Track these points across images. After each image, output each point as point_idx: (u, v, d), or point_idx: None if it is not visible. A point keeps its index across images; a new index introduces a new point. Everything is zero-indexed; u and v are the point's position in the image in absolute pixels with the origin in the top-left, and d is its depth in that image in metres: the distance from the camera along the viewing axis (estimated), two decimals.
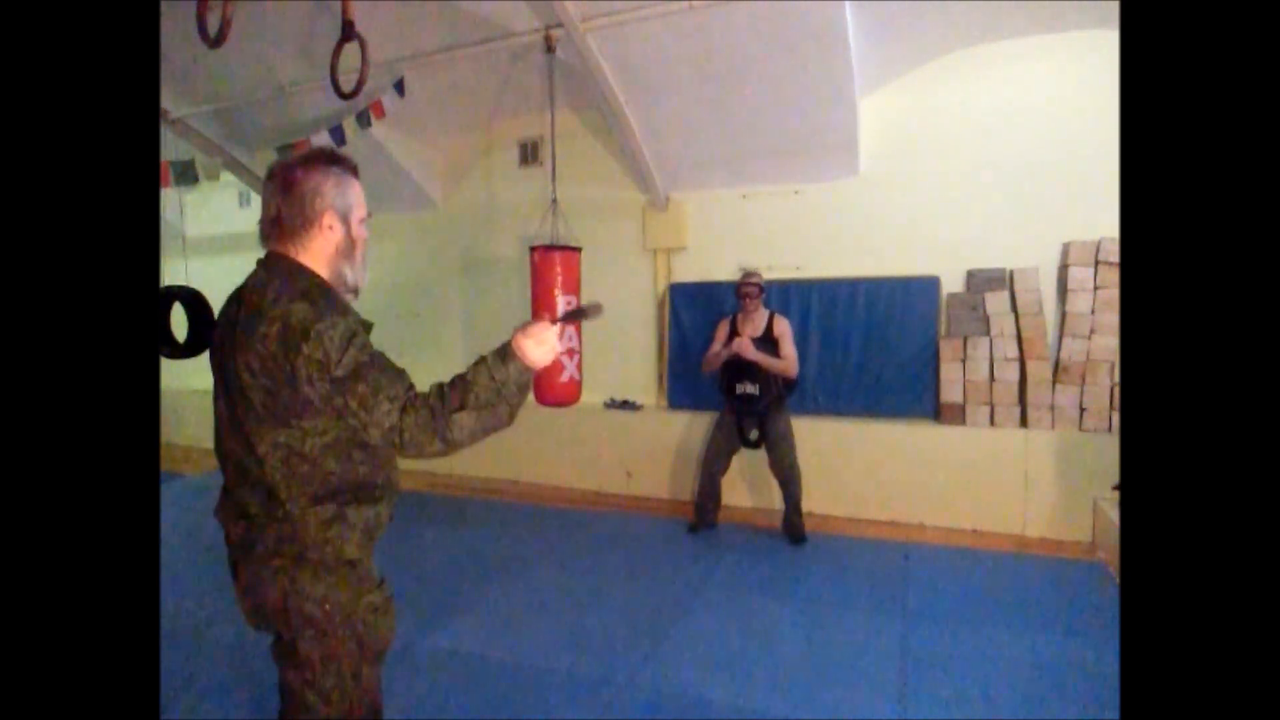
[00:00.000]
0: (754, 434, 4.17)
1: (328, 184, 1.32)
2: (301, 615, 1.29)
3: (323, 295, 1.27)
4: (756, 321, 4.13)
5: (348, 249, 1.36)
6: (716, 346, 4.16)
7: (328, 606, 1.30)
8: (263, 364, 1.21)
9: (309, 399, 1.22)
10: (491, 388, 1.23)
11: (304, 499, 1.28)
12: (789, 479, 4.11)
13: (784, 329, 4.11)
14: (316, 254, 1.32)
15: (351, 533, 1.31)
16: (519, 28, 4.19)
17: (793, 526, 4.14)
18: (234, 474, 1.34)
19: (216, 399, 1.35)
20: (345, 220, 1.34)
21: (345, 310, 1.27)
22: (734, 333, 4.13)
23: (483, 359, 1.25)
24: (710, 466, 4.29)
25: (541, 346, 1.27)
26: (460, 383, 1.24)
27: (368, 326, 1.30)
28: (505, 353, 1.26)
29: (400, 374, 1.24)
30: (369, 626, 1.35)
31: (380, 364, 1.23)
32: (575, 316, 1.45)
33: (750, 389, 4.03)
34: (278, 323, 1.20)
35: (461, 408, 1.21)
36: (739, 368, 4.00)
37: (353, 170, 1.37)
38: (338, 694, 1.32)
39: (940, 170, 4.54)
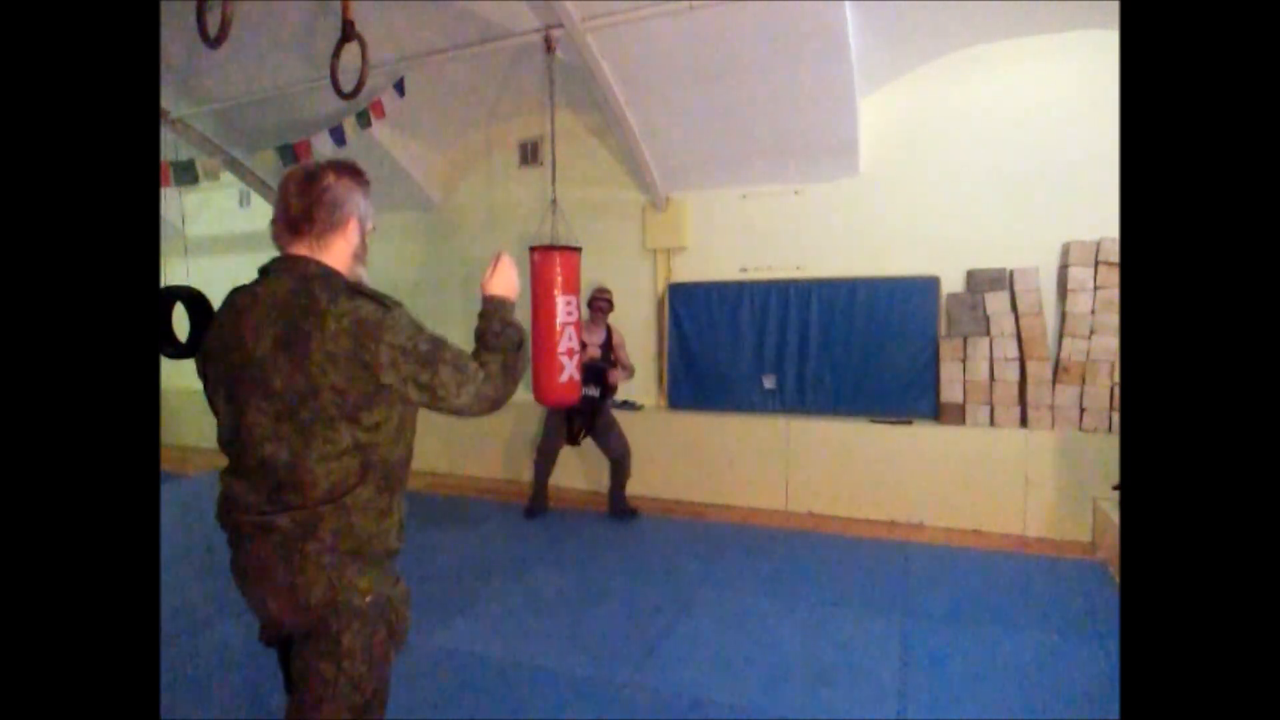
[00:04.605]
0: (580, 433, 4.62)
1: (355, 192, 1.39)
2: (350, 608, 1.33)
3: (367, 292, 1.34)
4: (600, 331, 4.61)
5: (361, 253, 1.43)
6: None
7: (369, 599, 1.35)
8: (333, 363, 1.25)
9: (386, 385, 1.29)
10: (492, 337, 1.43)
11: (364, 492, 1.32)
12: (623, 456, 4.57)
13: (620, 339, 4.69)
14: (337, 255, 1.38)
15: (393, 525, 1.39)
16: (519, 28, 4.19)
17: (620, 503, 4.61)
18: (272, 476, 1.29)
19: (242, 405, 1.30)
20: (362, 227, 1.42)
21: (395, 301, 1.35)
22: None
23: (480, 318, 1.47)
24: (548, 460, 4.69)
25: (502, 277, 1.51)
26: (479, 343, 1.43)
27: None
28: (483, 309, 1.48)
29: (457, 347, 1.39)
30: (399, 616, 1.45)
31: (442, 339, 1.35)
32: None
33: (593, 392, 4.45)
34: (347, 318, 1.26)
35: (490, 354, 1.40)
36: (586, 372, 4.33)
37: (367, 183, 1.45)
38: (368, 681, 1.37)
39: (940, 170, 4.54)
